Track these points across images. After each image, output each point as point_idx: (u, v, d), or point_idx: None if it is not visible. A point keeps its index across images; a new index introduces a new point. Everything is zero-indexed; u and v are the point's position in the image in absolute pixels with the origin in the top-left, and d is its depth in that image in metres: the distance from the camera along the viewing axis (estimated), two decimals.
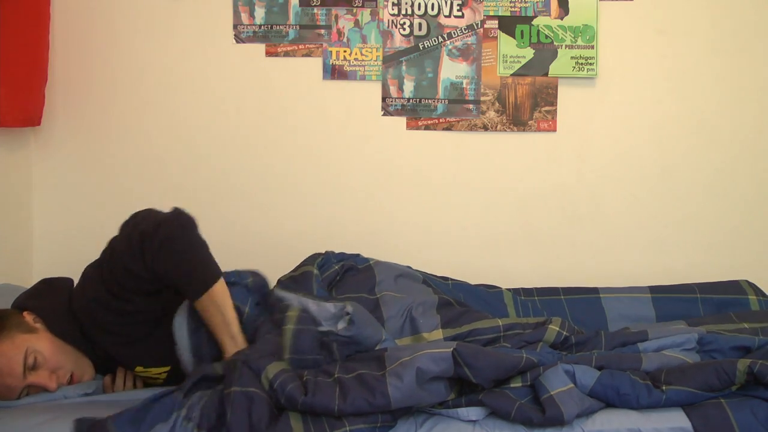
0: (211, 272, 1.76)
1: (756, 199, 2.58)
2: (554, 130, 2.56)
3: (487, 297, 2.22)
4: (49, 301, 1.87)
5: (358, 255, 2.15)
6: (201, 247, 1.77)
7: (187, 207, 2.56)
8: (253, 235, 2.57)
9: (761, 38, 2.54)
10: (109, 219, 2.56)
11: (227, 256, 2.16)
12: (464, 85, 2.54)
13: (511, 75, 2.54)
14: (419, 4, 2.53)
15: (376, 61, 2.54)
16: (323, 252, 2.12)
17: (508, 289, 2.25)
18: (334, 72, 2.55)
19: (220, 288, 1.76)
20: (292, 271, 2.04)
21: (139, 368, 1.86)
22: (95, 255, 2.57)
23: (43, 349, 1.76)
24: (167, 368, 1.86)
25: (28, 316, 1.82)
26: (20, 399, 1.75)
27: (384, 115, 2.56)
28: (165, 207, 2.16)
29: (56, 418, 1.66)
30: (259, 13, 2.53)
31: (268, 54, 2.55)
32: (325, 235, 2.56)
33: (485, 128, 2.55)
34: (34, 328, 1.79)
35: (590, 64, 2.52)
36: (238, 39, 2.55)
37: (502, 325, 1.94)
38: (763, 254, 2.58)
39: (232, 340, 1.77)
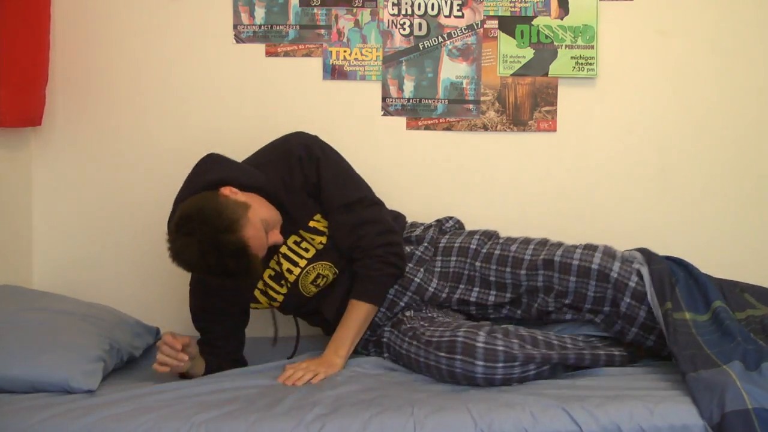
0: (381, 299, 2.10)
1: (756, 199, 2.58)
2: (554, 130, 2.56)
3: None
4: (236, 167, 2.04)
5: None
6: (393, 278, 2.11)
7: None
8: None
9: (761, 38, 2.54)
10: (110, 219, 2.59)
11: None
12: (464, 85, 2.54)
13: (511, 75, 2.54)
14: (419, 4, 2.53)
15: (376, 61, 2.54)
16: None
17: None
18: (334, 72, 2.55)
19: (372, 313, 2.08)
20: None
21: (317, 216, 2.09)
22: (95, 255, 2.59)
23: (261, 213, 1.92)
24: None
25: (229, 192, 1.91)
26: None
27: (384, 115, 2.56)
28: (165, 206, 2.18)
29: (56, 415, 1.67)
30: (259, 13, 2.53)
31: (268, 54, 2.55)
32: None
33: (485, 128, 2.55)
34: (245, 202, 1.90)
35: (590, 64, 2.52)
36: (238, 39, 2.55)
37: None
38: (763, 254, 2.58)
39: (336, 351, 2.02)
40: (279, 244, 2.00)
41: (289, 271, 2.08)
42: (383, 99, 2.56)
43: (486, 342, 1.84)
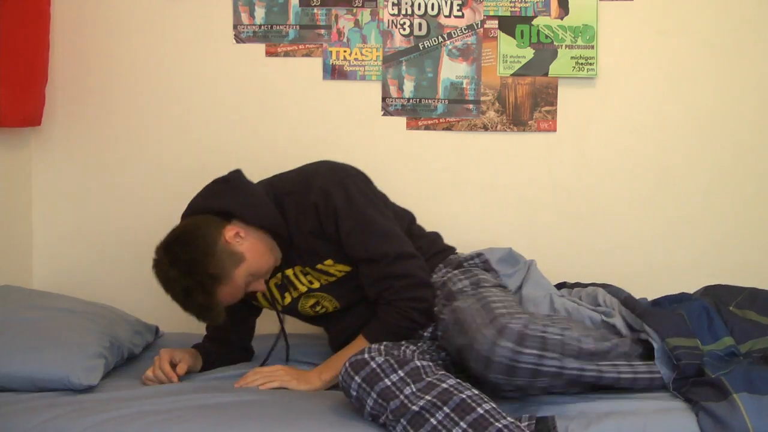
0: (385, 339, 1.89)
1: (756, 199, 2.58)
2: (554, 130, 2.56)
3: None
4: (250, 197, 1.95)
5: None
6: (408, 330, 1.95)
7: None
8: None
9: (761, 38, 2.54)
10: (109, 219, 2.59)
11: None
12: (464, 85, 2.54)
13: (511, 75, 2.54)
14: (419, 4, 2.53)
15: (376, 61, 2.54)
16: None
17: None
18: (334, 72, 2.55)
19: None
20: None
21: (329, 261, 1.97)
22: (95, 255, 2.59)
23: (255, 270, 1.88)
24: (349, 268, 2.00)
25: (230, 235, 1.86)
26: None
27: (384, 115, 2.56)
28: (165, 206, 2.18)
29: (58, 416, 1.67)
30: (259, 13, 2.53)
31: (268, 54, 2.55)
32: None
33: (485, 128, 2.55)
34: (242, 254, 1.86)
35: (590, 64, 2.52)
36: (238, 39, 2.55)
37: None
38: (763, 254, 2.58)
39: (320, 373, 1.93)
40: (258, 290, 1.95)
41: (294, 287, 2.03)
42: (383, 99, 2.56)
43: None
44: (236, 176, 1.99)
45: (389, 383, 1.63)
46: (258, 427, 1.64)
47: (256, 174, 2.56)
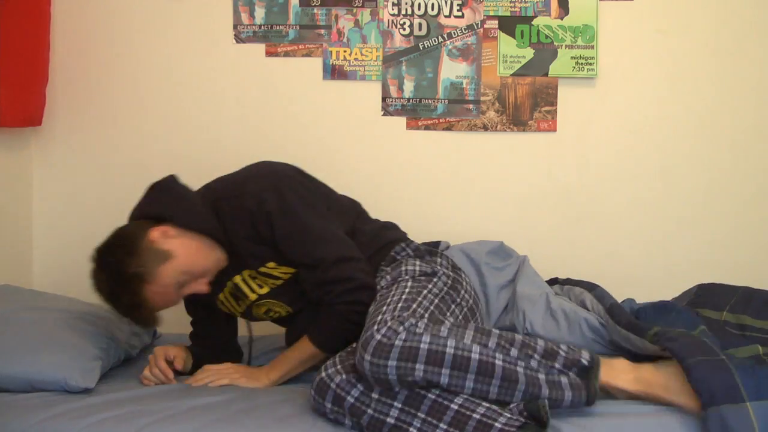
0: (331, 349, 1.87)
1: (756, 198, 2.57)
2: (554, 130, 2.56)
3: None
4: (181, 200, 1.93)
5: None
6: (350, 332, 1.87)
7: None
8: None
9: (761, 38, 2.53)
10: (109, 219, 2.57)
11: None
12: (464, 85, 2.54)
13: (511, 75, 2.54)
14: (419, 4, 2.53)
15: (376, 61, 2.54)
16: None
17: None
18: (334, 72, 2.55)
19: (319, 356, 1.91)
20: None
21: (271, 264, 1.93)
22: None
23: (185, 267, 1.85)
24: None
25: (156, 235, 1.85)
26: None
27: (384, 115, 2.56)
28: None
29: (56, 416, 1.66)
30: (259, 13, 2.53)
31: (268, 54, 2.55)
32: None
33: (485, 128, 2.55)
34: (168, 251, 1.83)
35: (590, 64, 2.52)
36: (238, 39, 2.55)
37: None
38: (763, 254, 2.58)
39: (268, 372, 1.93)
40: (203, 293, 1.91)
41: (244, 295, 2.00)
42: (383, 99, 2.56)
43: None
44: (169, 181, 1.98)
45: (353, 400, 1.63)
46: (255, 426, 1.65)
47: None
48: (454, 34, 2.54)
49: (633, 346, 1.90)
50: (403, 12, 2.53)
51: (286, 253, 1.90)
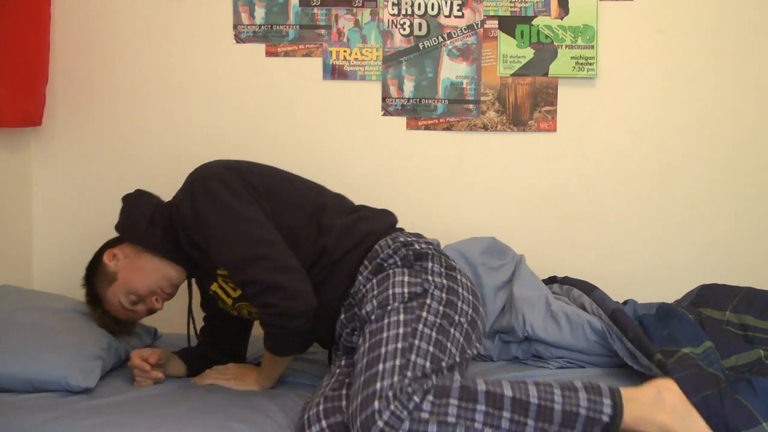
0: (284, 351, 1.88)
1: (756, 198, 2.58)
2: (554, 130, 2.56)
3: None
4: (129, 216, 1.99)
5: None
6: (285, 335, 1.85)
7: None
8: None
9: (761, 38, 2.54)
10: (109, 219, 2.57)
11: None
12: (464, 85, 2.54)
13: (511, 75, 2.54)
14: (419, 4, 2.53)
15: (376, 61, 2.54)
16: None
17: None
18: (334, 72, 2.55)
19: (289, 358, 1.93)
20: None
21: (222, 271, 1.90)
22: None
23: (130, 287, 1.93)
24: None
25: (107, 257, 1.97)
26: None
27: (384, 115, 2.56)
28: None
29: (57, 418, 1.66)
30: (259, 13, 2.53)
31: (268, 54, 2.55)
32: None
33: (485, 128, 2.55)
34: (113, 273, 1.95)
35: (590, 64, 2.52)
36: (238, 39, 2.55)
37: None
38: (763, 254, 2.58)
39: (263, 378, 1.93)
40: (159, 309, 1.99)
41: (222, 301, 1.97)
42: (383, 99, 2.55)
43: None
44: (132, 196, 2.02)
45: None
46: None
47: None
48: (454, 34, 2.54)
49: (638, 365, 1.91)
50: (403, 12, 2.53)
51: (212, 259, 1.86)
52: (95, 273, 1.98)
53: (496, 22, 2.53)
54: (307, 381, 2.00)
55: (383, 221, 1.98)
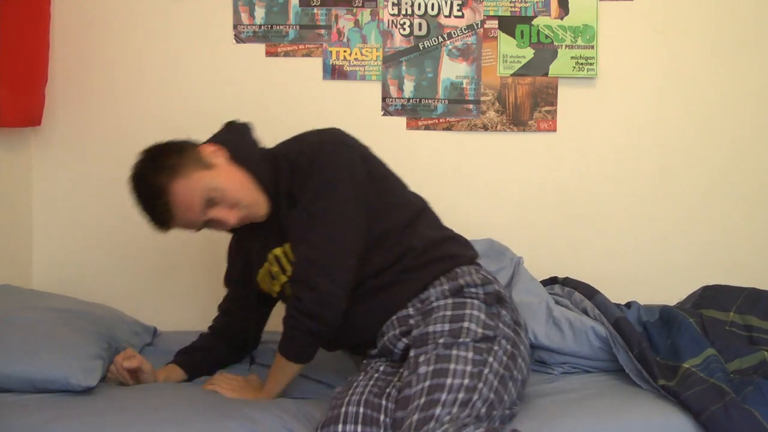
0: (299, 357, 1.86)
1: (756, 198, 2.58)
2: (554, 130, 2.56)
3: None
4: (243, 137, 1.93)
5: None
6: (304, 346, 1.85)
7: None
8: None
9: (761, 38, 2.54)
10: (109, 219, 2.58)
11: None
12: (464, 85, 2.54)
13: (511, 75, 2.54)
14: (419, 4, 2.53)
15: (376, 61, 2.54)
16: None
17: None
18: (334, 72, 2.55)
19: (297, 369, 1.88)
20: None
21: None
22: (95, 255, 2.59)
23: (220, 185, 1.81)
24: None
25: (207, 149, 1.86)
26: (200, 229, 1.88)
27: (384, 115, 2.56)
28: None
29: (57, 418, 1.67)
30: (259, 13, 2.53)
31: (268, 54, 2.55)
32: None
33: (485, 128, 2.55)
34: (212, 163, 1.83)
35: (590, 64, 2.52)
36: (238, 39, 2.55)
37: None
38: (763, 254, 2.58)
39: (266, 391, 1.89)
40: (225, 224, 1.84)
41: (282, 270, 1.92)
42: (383, 99, 2.55)
43: None
44: (243, 124, 1.98)
45: None
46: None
47: None
48: (454, 34, 2.54)
49: (641, 381, 1.91)
50: (403, 12, 2.53)
51: (294, 219, 1.83)
52: (180, 151, 1.83)
53: (496, 22, 2.53)
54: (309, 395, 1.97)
55: (469, 250, 1.99)
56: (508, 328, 1.81)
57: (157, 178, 1.80)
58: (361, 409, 1.66)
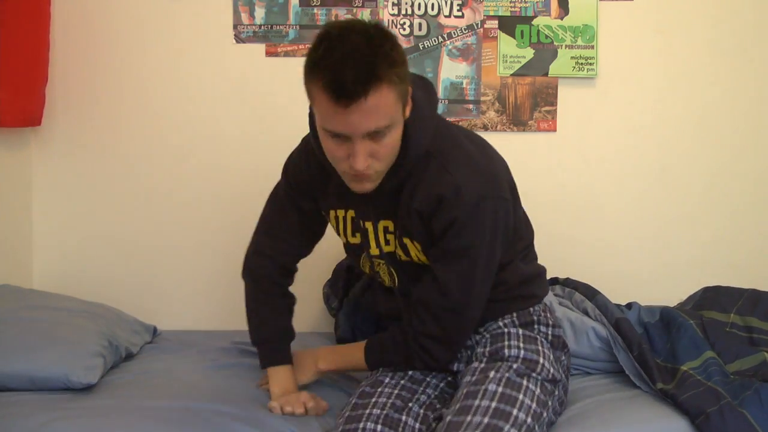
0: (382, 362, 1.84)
1: (755, 198, 2.58)
2: (554, 130, 2.56)
3: None
4: (433, 116, 1.72)
5: None
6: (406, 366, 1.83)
7: (187, 207, 2.57)
8: None
9: (761, 38, 2.54)
10: (109, 219, 2.58)
11: (230, 258, 2.17)
12: (464, 85, 2.54)
13: (511, 75, 2.54)
14: (419, 4, 2.53)
15: None
16: None
17: None
18: None
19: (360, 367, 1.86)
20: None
21: (418, 245, 1.75)
22: (95, 255, 2.59)
23: (394, 136, 1.58)
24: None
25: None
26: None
27: None
28: (165, 206, 2.16)
29: (57, 419, 1.66)
30: (259, 13, 2.53)
31: (268, 54, 2.55)
32: (327, 237, 2.56)
33: (485, 128, 2.55)
34: (406, 113, 1.61)
35: (590, 64, 2.52)
36: (238, 39, 2.55)
37: None
38: (763, 254, 2.58)
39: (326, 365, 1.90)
40: (357, 166, 1.57)
41: (368, 243, 1.81)
42: None
43: None
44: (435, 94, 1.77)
45: None
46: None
47: (256, 175, 2.58)
48: (454, 34, 2.54)
49: (641, 383, 1.92)
50: (403, 12, 2.53)
51: (432, 256, 1.72)
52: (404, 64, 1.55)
53: (496, 22, 2.53)
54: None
55: (546, 290, 1.95)
56: (566, 374, 1.84)
57: (392, 51, 1.51)
58: (379, 428, 1.64)
